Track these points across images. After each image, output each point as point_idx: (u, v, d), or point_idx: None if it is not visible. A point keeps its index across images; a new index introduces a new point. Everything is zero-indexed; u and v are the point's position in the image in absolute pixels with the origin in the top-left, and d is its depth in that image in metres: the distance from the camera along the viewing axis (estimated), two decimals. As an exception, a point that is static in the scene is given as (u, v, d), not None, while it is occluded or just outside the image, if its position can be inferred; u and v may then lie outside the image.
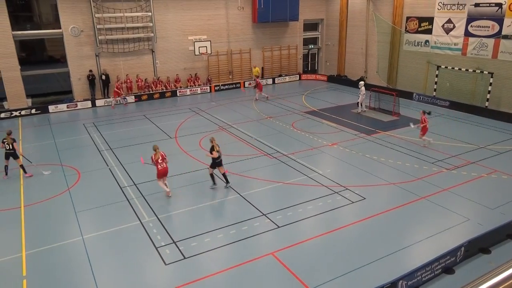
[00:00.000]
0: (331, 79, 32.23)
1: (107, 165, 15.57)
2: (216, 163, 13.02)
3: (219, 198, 12.81)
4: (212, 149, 12.79)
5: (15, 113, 23.58)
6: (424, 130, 16.61)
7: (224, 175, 13.22)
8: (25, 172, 14.76)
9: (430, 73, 24.98)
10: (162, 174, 12.55)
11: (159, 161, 12.39)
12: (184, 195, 13.07)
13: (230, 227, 10.95)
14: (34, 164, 15.19)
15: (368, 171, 14.47)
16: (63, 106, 24.82)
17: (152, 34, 26.84)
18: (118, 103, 25.63)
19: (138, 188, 13.43)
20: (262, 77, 32.09)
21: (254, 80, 27.05)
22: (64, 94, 26.40)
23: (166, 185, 12.83)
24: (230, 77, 30.81)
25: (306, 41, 34.32)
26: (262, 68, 32.23)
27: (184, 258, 9.65)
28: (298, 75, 33.44)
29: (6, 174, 14.74)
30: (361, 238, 10.42)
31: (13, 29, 23.48)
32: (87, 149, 17.61)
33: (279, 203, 12.23)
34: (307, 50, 34.80)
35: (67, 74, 25.75)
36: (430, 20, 24.62)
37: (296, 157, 15.86)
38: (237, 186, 13.41)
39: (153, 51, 27.48)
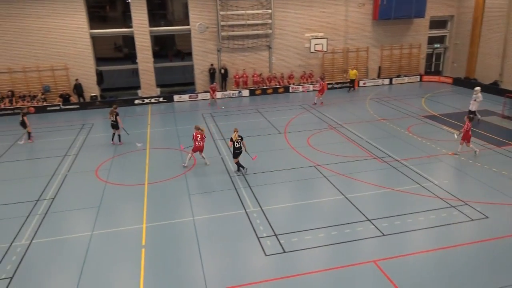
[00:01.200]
0: (457, 82, 29.29)
1: (220, 154, 16.54)
2: (236, 153, 14.14)
3: (324, 197, 12.66)
4: (231, 138, 14.09)
5: (146, 100, 26.52)
6: (465, 137, 15.04)
7: (237, 163, 14.37)
8: (119, 141, 17.88)
9: None
10: (197, 149, 14.80)
11: (198, 139, 14.56)
12: (289, 191, 13.25)
13: (332, 228, 10.76)
14: (139, 144, 16.91)
15: (493, 187, 12.83)
16: (185, 97, 27.12)
17: (271, 31, 27.60)
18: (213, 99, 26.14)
19: (245, 178, 14.00)
20: (378, 77, 30.70)
21: (318, 82, 25.32)
22: (187, 85, 28.83)
23: (203, 157, 15.20)
24: (345, 75, 30.09)
25: (431, 40, 31.73)
26: (379, 67, 30.80)
27: (284, 252, 9.79)
28: (419, 76, 31.16)
29: (112, 140, 17.99)
30: (478, 261, 9.32)
31: (150, 26, 26.37)
32: (203, 137, 18.94)
33: (386, 210, 11.61)
34: (432, 50, 32.18)
35: (191, 68, 28.01)
36: None
37: (410, 164, 14.84)
38: (343, 187, 13.09)
39: (270, 48, 28.27)
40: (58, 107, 25.13)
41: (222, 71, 27.63)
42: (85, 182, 14.28)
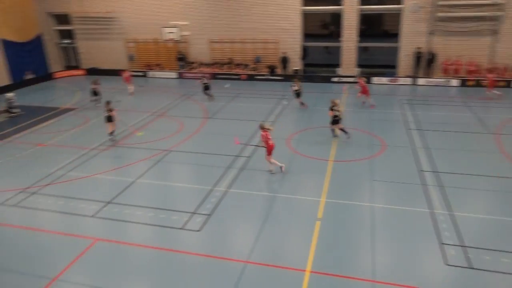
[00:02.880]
0: None
1: (410, 145, 15.41)
2: (335, 120, 15.62)
3: (535, 218, 10.44)
4: (331, 108, 15.44)
5: (343, 79, 26.60)
6: None
7: (342, 129, 15.69)
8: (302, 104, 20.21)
9: None
10: (273, 149, 12.95)
11: (269, 136, 12.86)
12: (491, 201, 11.43)
13: (541, 257, 8.83)
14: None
15: None
16: (384, 80, 26.01)
17: (501, 13, 23.42)
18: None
19: (439, 177, 12.68)
20: None
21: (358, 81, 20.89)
22: (388, 68, 27.48)
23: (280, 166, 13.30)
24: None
25: None
26: None
27: (470, 267, 8.59)
28: None
29: (302, 104, 20.21)
30: None
31: (359, 3, 25.89)
32: (396, 124, 17.95)
33: None
34: None
35: (396, 50, 26.48)
36: None
37: None
38: None
39: (496, 33, 24.12)
40: (264, 77, 27.77)
41: (430, 55, 25.19)
42: (276, 148, 15.43)
